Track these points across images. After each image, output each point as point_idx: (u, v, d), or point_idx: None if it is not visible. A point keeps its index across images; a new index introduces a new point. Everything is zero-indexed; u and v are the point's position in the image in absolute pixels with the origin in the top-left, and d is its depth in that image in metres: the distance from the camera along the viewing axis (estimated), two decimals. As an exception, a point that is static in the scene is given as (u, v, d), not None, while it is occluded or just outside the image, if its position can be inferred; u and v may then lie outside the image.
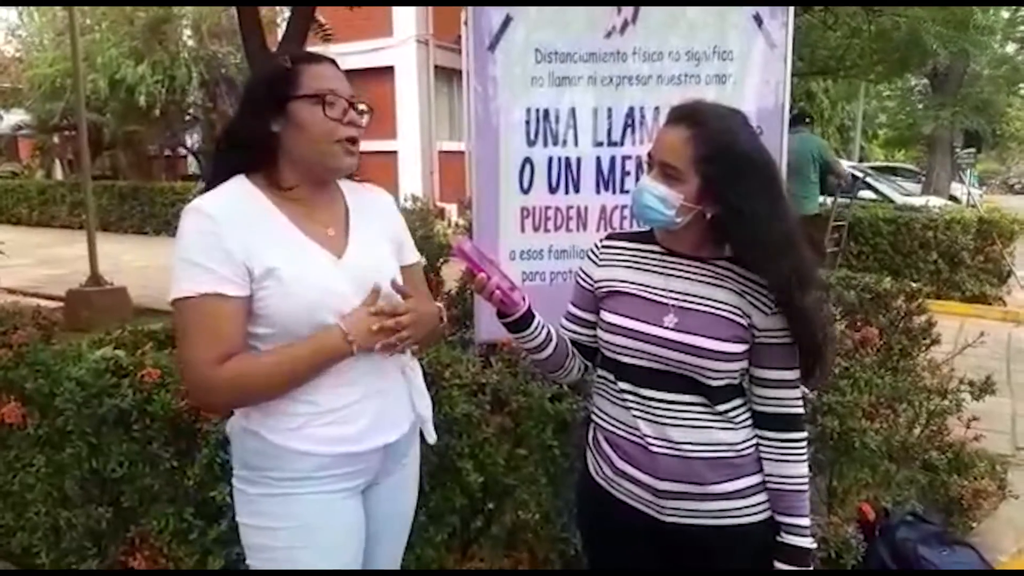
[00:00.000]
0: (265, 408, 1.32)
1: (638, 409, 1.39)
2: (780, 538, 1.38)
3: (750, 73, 2.48)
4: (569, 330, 1.54)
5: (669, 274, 1.41)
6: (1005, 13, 13.46)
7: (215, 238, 1.25)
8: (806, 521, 1.38)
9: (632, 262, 1.46)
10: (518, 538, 2.28)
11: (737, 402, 1.40)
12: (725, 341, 1.33)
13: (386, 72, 14.21)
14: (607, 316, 1.44)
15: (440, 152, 14.83)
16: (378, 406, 1.40)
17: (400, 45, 14.25)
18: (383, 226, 1.51)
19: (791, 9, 2.46)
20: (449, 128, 15.50)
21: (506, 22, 2.38)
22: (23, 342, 2.46)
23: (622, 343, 1.40)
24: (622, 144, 2.47)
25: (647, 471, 1.38)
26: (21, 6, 14.94)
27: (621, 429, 1.43)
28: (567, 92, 2.43)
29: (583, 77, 2.42)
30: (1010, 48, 15.68)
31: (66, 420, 2.21)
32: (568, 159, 2.45)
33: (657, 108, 2.44)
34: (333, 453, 1.35)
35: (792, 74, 2.51)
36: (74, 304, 6.35)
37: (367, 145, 1.42)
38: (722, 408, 1.37)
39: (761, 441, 1.40)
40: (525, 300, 1.42)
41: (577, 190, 2.47)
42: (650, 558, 1.46)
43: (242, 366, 1.27)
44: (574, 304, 1.55)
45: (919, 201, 9.83)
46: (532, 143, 2.43)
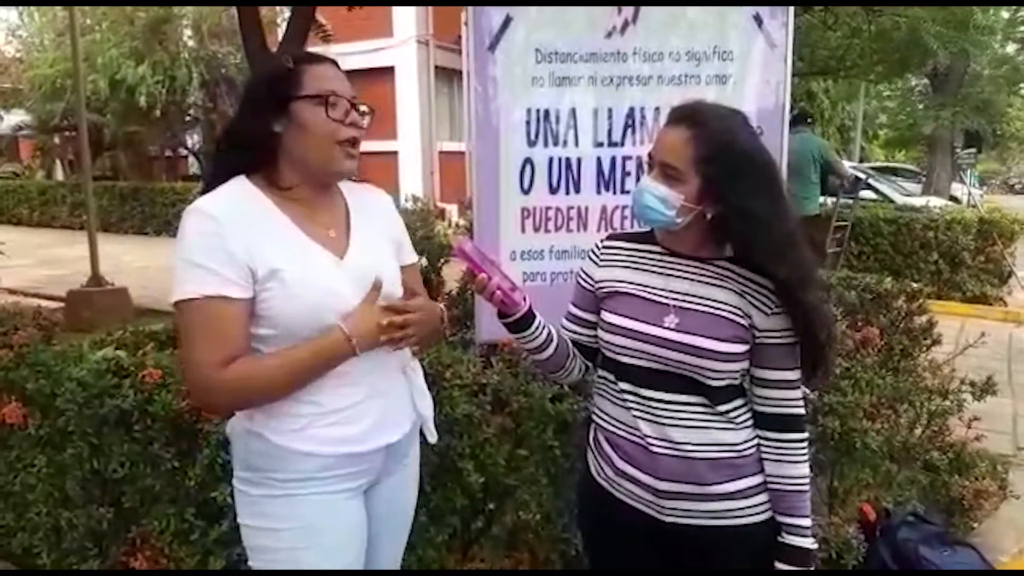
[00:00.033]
0: (268, 409, 1.32)
1: (639, 409, 1.39)
2: (781, 538, 1.38)
3: (750, 73, 2.48)
4: (570, 330, 1.55)
5: (669, 274, 1.41)
6: (1005, 13, 13.48)
7: (218, 239, 1.25)
8: (807, 521, 1.38)
9: (632, 262, 1.46)
10: (519, 538, 2.28)
11: (738, 402, 1.40)
12: (725, 341, 1.33)
13: (386, 72, 14.23)
14: (608, 316, 1.44)
15: (440, 152, 14.84)
16: (381, 406, 1.41)
17: (400, 45, 14.26)
18: (383, 226, 1.52)
19: (791, 9, 2.46)
20: (449, 128, 15.51)
21: (506, 22, 2.38)
22: (24, 343, 2.46)
23: (622, 343, 1.41)
24: (622, 144, 2.47)
25: (648, 471, 1.38)
26: (21, 6, 14.95)
27: (622, 429, 1.43)
28: (567, 92, 2.43)
29: (583, 77, 2.42)
30: (1010, 48, 15.70)
31: (67, 420, 2.21)
32: (568, 159, 2.45)
33: (657, 108, 2.45)
34: (336, 453, 1.35)
35: (792, 74, 2.51)
36: (75, 305, 6.36)
37: (367, 145, 1.42)
38: (723, 408, 1.37)
39: (762, 441, 1.40)
40: (526, 300, 1.42)
41: (578, 190, 2.47)
42: (651, 558, 1.46)
43: (245, 369, 1.27)
44: (575, 304, 1.55)
45: (920, 201, 9.83)
46: (532, 143, 2.43)
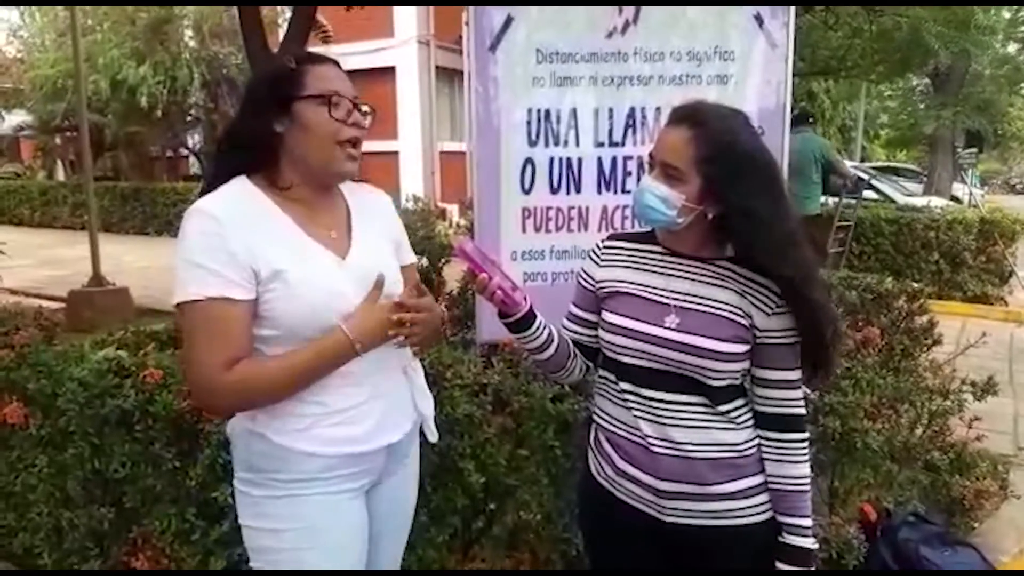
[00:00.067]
0: (272, 410, 1.32)
1: (639, 409, 1.39)
2: (782, 538, 1.38)
3: (751, 73, 2.48)
4: (570, 330, 1.55)
5: (670, 274, 1.41)
6: (1006, 13, 13.45)
7: (220, 240, 1.24)
8: (808, 522, 1.38)
9: (633, 262, 1.46)
10: (520, 538, 2.28)
11: (739, 402, 1.40)
12: (726, 341, 1.33)
13: (387, 73, 14.24)
14: (608, 316, 1.44)
15: (441, 152, 14.84)
16: (383, 406, 1.41)
17: (401, 46, 14.27)
18: (383, 227, 1.52)
19: (792, 9, 2.46)
20: (450, 128, 15.52)
21: (507, 22, 2.38)
22: (25, 343, 2.47)
23: (623, 343, 1.41)
24: (623, 144, 2.47)
25: (648, 471, 1.38)
26: (22, 6, 14.96)
27: (622, 429, 1.43)
28: (568, 92, 2.43)
29: (584, 77, 2.42)
30: (1011, 48, 15.68)
31: (68, 421, 2.21)
32: (569, 159, 2.45)
33: (658, 108, 2.44)
34: (340, 454, 1.35)
35: (793, 74, 2.51)
36: (76, 305, 6.36)
37: (368, 145, 1.42)
38: (723, 408, 1.37)
39: (763, 441, 1.40)
40: (526, 300, 1.42)
41: (578, 190, 2.47)
42: (652, 558, 1.46)
43: (249, 371, 1.27)
44: (575, 304, 1.55)
45: (921, 201, 9.83)
46: (533, 143, 2.43)
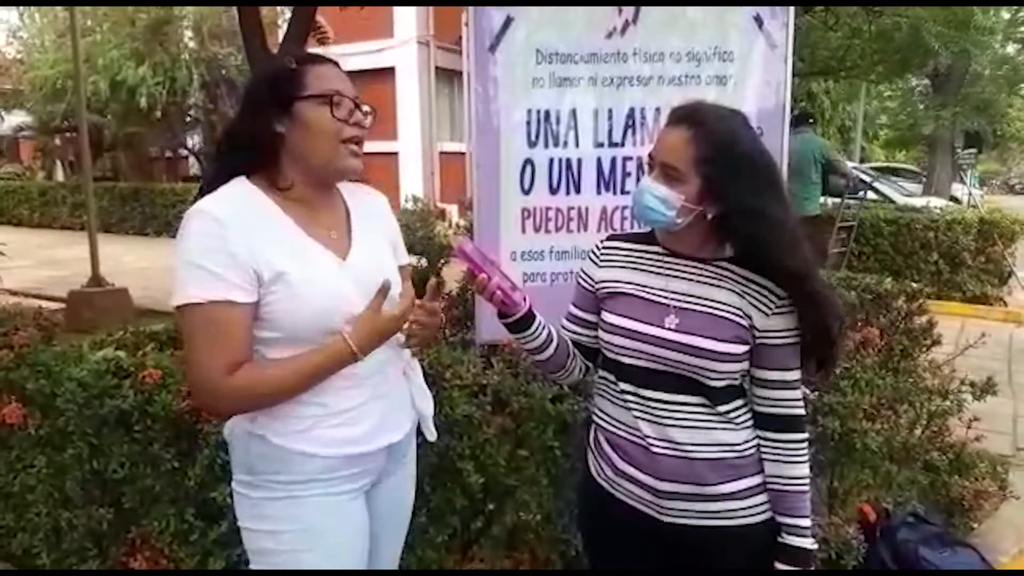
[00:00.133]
0: (272, 411, 1.31)
1: (639, 410, 1.39)
2: (781, 539, 1.38)
3: (751, 74, 2.48)
4: (570, 331, 1.55)
5: (669, 275, 1.41)
6: (1006, 14, 13.48)
7: (222, 242, 1.23)
8: (807, 522, 1.38)
9: (633, 263, 1.46)
10: (519, 539, 2.28)
11: (738, 403, 1.40)
12: (726, 342, 1.33)
13: (387, 73, 14.22)
14: (608, 317, 1.44)
15: (441, 153, 14.84)
16: (383, 407, 1.41)
17: (401, 46, 14.26)
18: (381, 227, 1.52)
19: (791, 9, 2.47)
20: (450, 129, 15.51)
21: (507, 23, 2.38)
22: (24, 343, 2.46)
23: (623, 344, 1.41)
24: (623, 145, 2.47)
25: (648, 472, 1.38)
26: (22, 6, 14.96)
27: (622, 430, 1.43)
28: (568, 93, 2.43)
29: (584, 78, 2.43)
30: (1011, 49, 15.70)
31: (67, 421, 2.20)
32: (569, 160, 2.45)
33: (658, 109, 2.45)
34: (340, 455, 1.34)
35: (793, 75, 2.51)
36: (75, 305, 6.36)
37: (368, 146, 1.42)
38: (723, 409, 1.37)
39: (762, 442, 1.40)
40: (526, 301, 1.42)
41: (578, 191, 2.47)
42: (651, 558, 1.46)
43: (251, 376, 1.26)
44: (575, 305, 1.55)
45: (920, 202, 9.82)
46: (533, 144, 2.43)
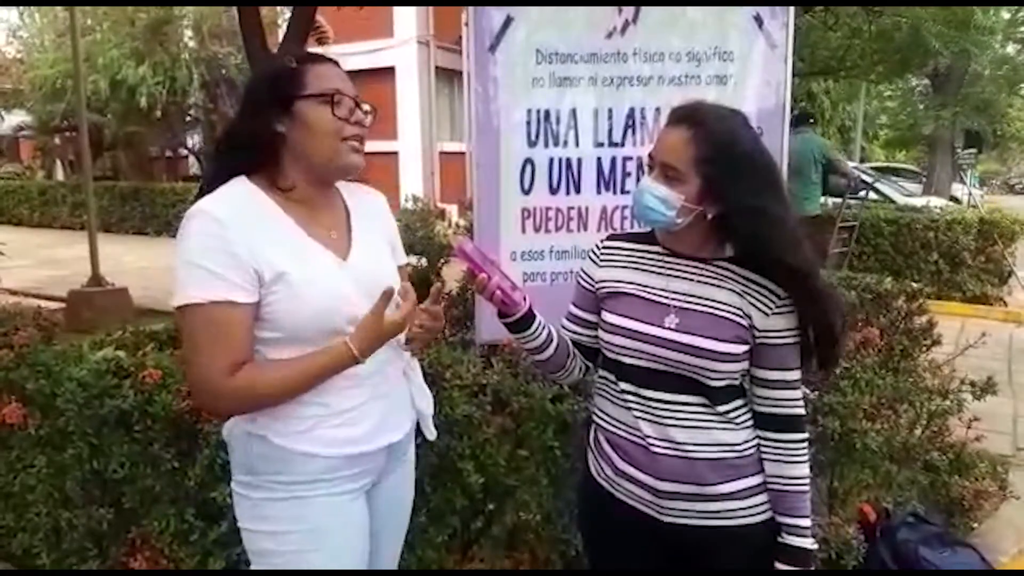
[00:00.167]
0: (272, 411, 1.31)
1: (639, 410, 1.39)
2: (781, 539, 1.38)
3: (751, 74, 2.48)
4: (570, 331, 1.55)
5: (669, 275, 1.41)
6: (1005, 14, 13.48)
7: (223, 242, 1.23)
8: (807, 522, 1.38)
9: (633, 263, 1.46)
10: (519, 539, 2.28)
11: (738, 403, 1.40)
12: (726, 342, 1.33)
13: (387, 73, 14.22)
14: (608, 317, 1.44)
15: (441, 153, 14.83)
16: (383, 407, 1.41)
17: (401, 46, 14.25)
18: (380, 227, 1.52)
19: (791, 9, 2.46)
20: (450, 129, 15.51)
21: (507, 23, 2.38)
22: (24, 343, 2.46)
23: (623, 343, 1.41)
24: (623, 145, 2.47)
25: (648, 472, 1.38)
26: (22, 6, 14.95)
27: (622, 430, 1.43)
28: (568, 93, 2.43)
29: (584, 78, 2.42)
30: (1011, 49, 15.71)
31: (67, 421, 2.20)
32: (569, 160, 2.45)
33: (658, 109, 2.45)
34: (341, 455, 1.34)
35: (793, 74, 2.51)
36: (75, 305, 6.36)
37: (368, 146, 1.41)
38: (723, 409, 1.37)
39: (762, 442, 1.40)
40: (526, 300, 1.42)
41: (578, 191, 2.47)
42: (651, 558, 1.46)
43: (253, 377, 1.26)
44: (575, 305, 1.55)
45: (920, 201, 9.83)
46: (533, 144, 2.43)
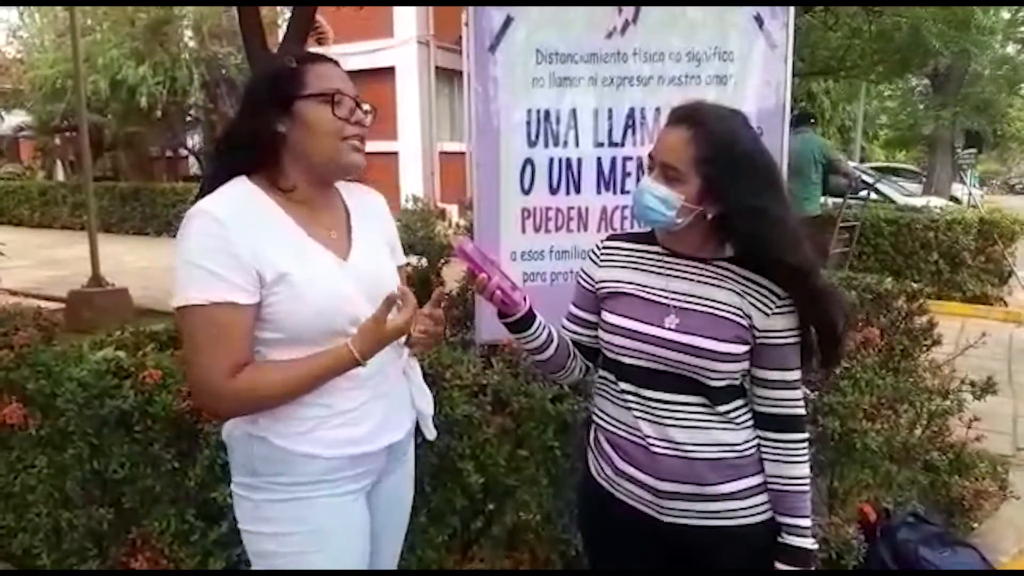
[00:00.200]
0: (274, 412, 1.30)
1: (639, 410, 1.40)
2: (781, 539, 1.38)
3: (751, 74, 2.48)
4: (570, 331, 1.55)
5: (669, 275, 1.41)
6: (1006, 14, 13.49)
7: (224, 243, 1.22)
8: (807, 522, 1.38)
9: (633, 263, 1.46)
10: (519, 539, 2.28)
11: (738, 403, 1.40)
12: (726, 342, 1.33)
13: (387, 73, 14.22)
14: (608, 317, 1.44)
15: (441, 153, 14.84)
16: (384, 407, 1.41)
17: (401, 46, 14.25)
18: (380, 227, 1.52)
19: (792, 9, 2.46)
20: (450, 129, 15.51)
21: (507, 23, 2.38)
22: (24, 343, 2.46)
23: (623, 344, 1.41)
24: (623, 145, 2.47)
25: (648, 471, 1.38)
26: (22, 6, 14.96)
27: (622, 430, 1.43)
28: (568, 93, 2.43)
29: (584, 78, 2.42)
30: (1011, 49, 15.72)
31: (67, 421, 2.20)
32: (569, 160, 2.45)
33: (658, 109, 2.44)
34: (343, 455, 1.34)
35: (793, 74, 2.51)
36: (75, 305, 6.36)
37: (368, 146, 1.41)
38: (723, 409, 1.37)
39: (762, 442, 1.40)
40: (526, 300, 1.42)
41: (578, 191, 2.47)
42: (651, 558, 1.46)
43: (254, 379, 1.25)
44: (575, 305, 1.55)
45: (920, 201, 9.83)
46: (533, 144, 2.43)
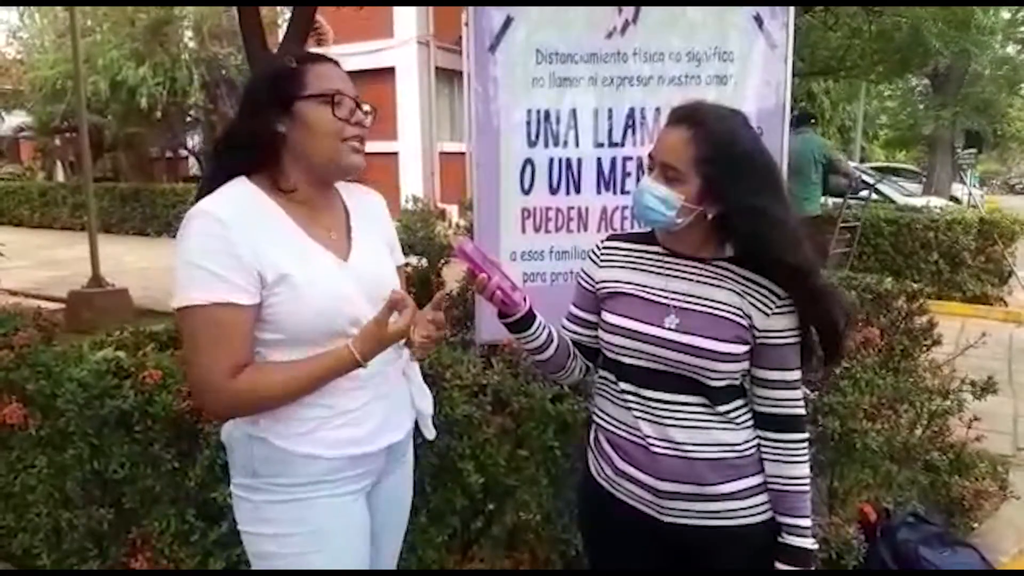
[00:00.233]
0: (274, 413, 1.30)
1: (639, 410, 1.40)
2: (781, 539, 1.38)
3: (751, 74, 2.48)
4: (570, 331, 1.55)
5: (669, 275, 1.41)
6: (1006, 14, 13.50)
7: (225, 243, 1.22)
8: (807, 522, 1.38)
9: (633, 263, 1.46)
10: (519, 539, 2.28)
11: (738, 403, 1.40)
12: (726, 342, 1.33)
13: (387, 73, 14.22)
14: (608, 317, 1.44)
15: (441, 153, 14.84)
16: (384, 407, 1.41)
17: (401, 46, 14.26)
18: (379, 228, 1.52)
19: (791, 9, 2.46)
20: (450, 129, 15.51)
21: (507, 23, 2.38)
22: (24, 343, 2.46)
23: (623, 344, 1.41)
24: (623, 145, 2.47)
25: (648, 471, 1.38)
26: (22, 6, 14.96)
27: (622, 429, 1.43)
28: (568, 93, 2.43)
29: (584, 78, 2.43)
30: (1011, 49, 15.72)
31: (67, 421, 2.21)
32: (569, 160, 2.45)
33: (658, 109, 2.45)
34: (343, 455, 1.34)
35: (793, 74, 2.51)
36: (75, 305, 6.37)
37: (368, 146, 1.41)
38: (723, 409, 1.37)
39: (762, 442, 1.40)
40: (526, 301, 1.42)
41: (578, 191, 2.47)
42: (651, 558, 1.46)
43: (255, 380, 1.25)
44: (575, 305, 1.55)
45: (920, 201, 9.83)
46: (533, 144, 2.43)
